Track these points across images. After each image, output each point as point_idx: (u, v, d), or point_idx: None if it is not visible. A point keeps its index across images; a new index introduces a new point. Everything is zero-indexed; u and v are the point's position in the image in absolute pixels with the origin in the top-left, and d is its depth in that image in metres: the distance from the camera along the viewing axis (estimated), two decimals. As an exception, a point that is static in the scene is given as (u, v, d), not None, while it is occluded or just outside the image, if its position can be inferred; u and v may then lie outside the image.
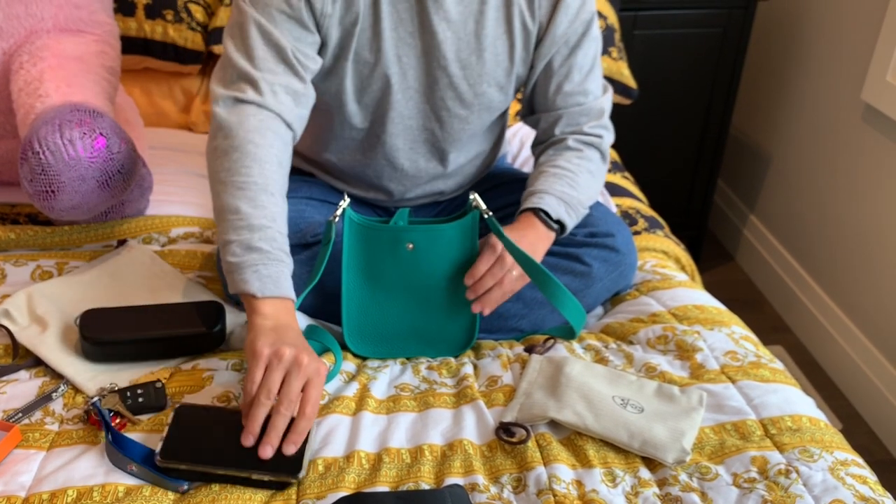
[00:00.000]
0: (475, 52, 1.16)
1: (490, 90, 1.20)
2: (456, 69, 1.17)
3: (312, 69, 1.12)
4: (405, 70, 1.16)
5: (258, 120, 1.06)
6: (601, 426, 0.97)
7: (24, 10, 1.34)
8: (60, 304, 1.15)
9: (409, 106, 1.20)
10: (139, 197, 1.37)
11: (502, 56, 1.18)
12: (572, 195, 1.19)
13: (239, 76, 1.08)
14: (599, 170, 1.27)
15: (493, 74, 1.19)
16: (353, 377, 1.09)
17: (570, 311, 1.14)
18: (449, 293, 1.13)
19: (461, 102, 1.20)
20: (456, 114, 1.21)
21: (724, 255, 2.62)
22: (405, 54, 1.15)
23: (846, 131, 2.01)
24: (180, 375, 1.06)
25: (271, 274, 0.99)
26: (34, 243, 1.32)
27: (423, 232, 1.10)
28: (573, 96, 1.24)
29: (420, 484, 0.90)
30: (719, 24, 2.12)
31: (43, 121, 1.17)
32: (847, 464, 0.94)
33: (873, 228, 1.92)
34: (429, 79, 1.17)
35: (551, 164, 1.23)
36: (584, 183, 1.23)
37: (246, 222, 1.00)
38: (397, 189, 1.32)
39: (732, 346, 1.13)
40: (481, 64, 1.17)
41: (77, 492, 0.87)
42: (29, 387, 1.04)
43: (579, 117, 1.25)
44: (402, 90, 1.18)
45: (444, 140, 1.25)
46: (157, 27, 1.69)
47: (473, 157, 1.33)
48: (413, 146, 1.25)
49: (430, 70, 1.17)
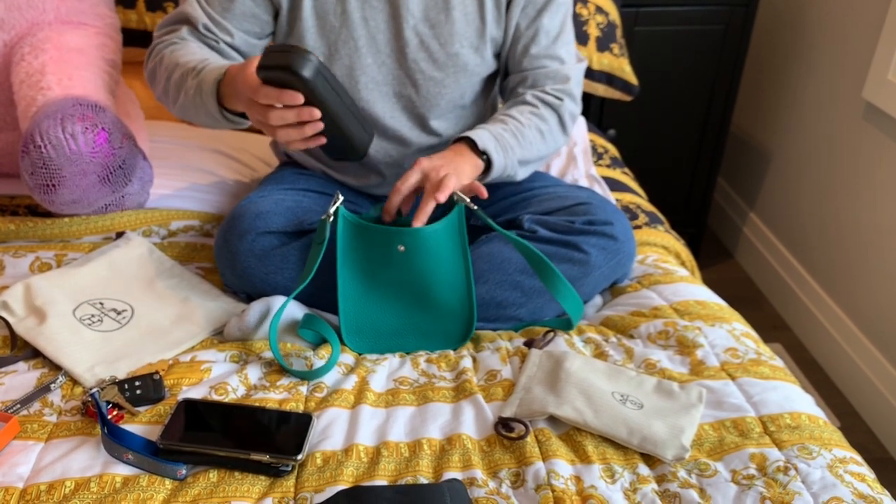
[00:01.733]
0: (443, 11, 1.17)
1: (463, 50, 1.21)
2: (425, 28, 1.17)
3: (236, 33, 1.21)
4: (373, 33, 1.17)
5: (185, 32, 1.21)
6: (600, 422, 0.97)
7: (25, 2, 1.33)
8: (59, 295, 1.15)
9: (382, 71, 1.21)
10: (139, 190, 1.37)
11: (472, 15, 1.19)
12: (508, 140, 1.20)
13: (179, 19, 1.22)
14: (553, 133, 1.27)
15: (465, 34, 1.20)
16: (352, 370, 1.09)
17: (568, 301, 1.14)
18: (444, 289, 1.13)
19: (434, 64, 1.21)
20: (430, 76, 1.22)
21: (724, 253, 2.62)
22: (372, 17, 1.16)
23: (847, 129, 2.01)
24: (179, 367, 1.06)
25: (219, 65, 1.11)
26: (33, 235, 1.32)
27: (413, 234, 1.11)
28: (539, 59, 1.25)
29: (418, 478, 0.90)
30: (721, 21, 2.12)
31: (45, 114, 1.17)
32: (846, 461, 0.94)
33: (873, 227, 1.92)
34: (399, 41, 1.18)
35: (501, 113, 1.25)
36: (529, 136, 1.23)
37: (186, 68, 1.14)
38: (389, 172, 1.32)
39: (733, 343, 1.13)
40: (451, 22, 1.18)
41: (75, 483, 0.87)
42: (27, 378, 1.04)
43: (544, 79, 1.26)
44: (371, 54, 1.19)
45: (421, 105, 1.25)
46: (157, 19, 1.68)
47: (462, 129, 1.33)
48: (392, 114, 1.26)
49: (399, 32, 1.17)
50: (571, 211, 1.27)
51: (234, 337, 1.13)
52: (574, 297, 1.14)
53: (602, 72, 1.91)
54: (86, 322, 1.12)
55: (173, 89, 1.17)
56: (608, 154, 1.83)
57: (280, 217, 1.19)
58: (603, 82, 1.94)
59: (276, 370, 1.07)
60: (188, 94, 1.13)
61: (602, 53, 1.89)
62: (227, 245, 1.19)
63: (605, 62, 1.90)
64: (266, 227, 1.17)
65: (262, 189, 1.30)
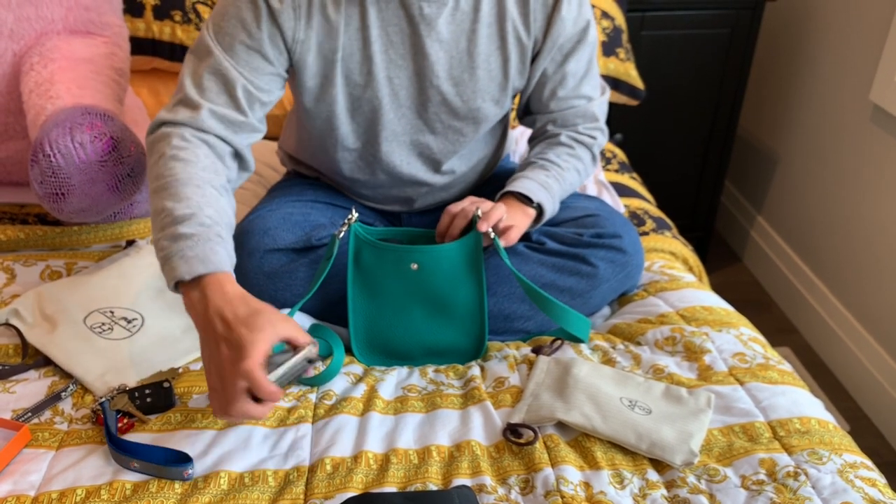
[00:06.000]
0: (468, 70, 1.15)
1: (485, 105, 1.20)
2: (448, 87, 1.16)
3: (263, 101, 1.10)
4: (396, 91, 1.15)
5: (189, 133, 1.04)
6: (609, 428, 0.97)
7: (34, 12, 1.34)
8: (69, 304, 1.16)
9: (401, 123, 1.19)
10: (148, 198, 1.37)
11: (496, 72, 1.17)
12: (552, 186, 1.21)
13: (181, 101, 1.06)
14: (587, 170, 1.29)
15: (487, 89, 1.18)
16: (361, 379, 1.09)
17: (576, 327, 1.14)
18: (456, 309, 1.13)
19: (455, 116, 1.20)
20: (449, 125, 1.21)
21: (732, 257, 2.61)
22: (396, 76, 1.14)
23: (854, 132, 2.00)
24: (189, 375, 1.07)
25: (198, 254, 0.91)
26: (43, 243, 1.33)
27: (427, 252, 1.10)
28: (567, 100, 1.25)
29: (428, 485, 0.90)
30: (727, 24, 2.12)
31: (54, 123, 1.18)
32: (856, 466, 0.93)
33: (881, 230, 1.91)
34: (421, 97, 1.17)
35: (541, 157, 1.25)
36: (569, 179, 1.25)
37: (171, 217, 0.94)
38: (402, 207, 1.34)
39: (741, 348, 1.13)
40: (474, 81, 1.16)
41: (86, 491, 0.88)
42: (38, 386, 1.04)
43: (574, 118, 1.27)
44: (393, 109, 1.17)
45: (438, 151, 1.24)
46: (165, 28, 1.69)
47: (476, 164, 1.33)
48: (409, 161, 1.24)
49: (422, 89, 1.16)
50: (580, 223, 1.27)
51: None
52: (580, 321, 1.14)
53: (608, 77, 1.91)
54: (96, 330, 1.12)
55: (151, 197, 1.01)
56: (616, 159, 1.83)
57: (288, 233, 1.18)
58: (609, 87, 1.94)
59: (285, 377, 1.08)
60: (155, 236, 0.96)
61: (608, 58, 1.89)
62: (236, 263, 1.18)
63: (611, 67, 1.90)
64: (274, 245, 1.16)
65: (270, 201, 1.29)
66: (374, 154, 1.22)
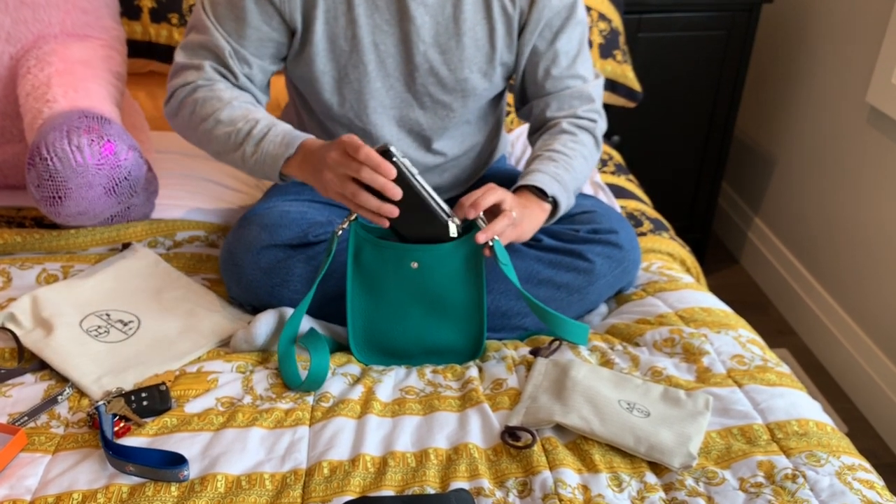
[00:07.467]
0: (454, 37, 1.17)
1: (472, 76, 1.21)
2: (435, 54, 1.17)
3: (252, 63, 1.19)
4: (383, 58, 1.17)
5: (203, 81, 1.18)
6: (607, 430, 0.96)
7: (31, 15, 1.34)
8: (65, 307, 1.15)
9: (390, 95, 1.21)
10: (145, 201, 1.37)
11: (482, 41, 1.19)
12: (564, 177, 1.20)
13: (182, 67, 1.20)
14: (592, 155, 1.28)
15: (474, 59, 1.19)
16: (358, 380, 1.09)
17: (573, 333, 1.14)
18: (455, 308, 1.13)
19: (443, 88, 1.21)
20: (438, 100, 1.22)
21: (729, 258, 2.62)
22: (382, 42, 1.16)
23: (851, 134, 2.01)
24: (185, 378, 1.06)
25: (283, 137, 1.11)
26: (40, 247, 1.32)
27: (428, 251, 1.10)
28: (562, 80, 1.25)
29: (425, 488, 0.90)
30: (723, 26, 2.12)
31: (51, 126, 1.18)
32: (854, 468, 0.93)
33: (878, 231, 1.91)
34: (409, 66, 1.18)
35: (547, 149, 1.24)
36: (578, 167, 1.24)
37: (239, 134, 1.13)
38: None
39: (739, 350, 1.13)
40: (461, 49, 1.18)
41: (82, 495, 0.88)
42: (34, 390, 1.04)
43: (571, 100, 1.26)
44: (381, 78, 1.19)
45: (427, 128, 1.25)
46: (161, 31, 1.69)
47: (468, 150, 1.33)
48: (399, 136, 1.26)
49: (409, 57, 1.17)
50: (576, 219, 1.27)
51: (240, 349, 1.13)
52: (578, 327, 1.14)
53: (605, 79, 1.91)
54: (92, 333, 1.12)
55: (215, 142, 1.16)
56: (612, 161, 1.83)
57: (285, 230, 1.18)
58: (606, 89, 1.94)
59: (282, 381, 1.08)
60: (244, 158, 1.14)
61: (605, 60, 1.90)
62: (233, 259, 1.19)
63: (608, 69, 1.90)
64: (271, 241, 1.17)
65: (268, 200, 1.30)
66: (363, 128, 1.24)
